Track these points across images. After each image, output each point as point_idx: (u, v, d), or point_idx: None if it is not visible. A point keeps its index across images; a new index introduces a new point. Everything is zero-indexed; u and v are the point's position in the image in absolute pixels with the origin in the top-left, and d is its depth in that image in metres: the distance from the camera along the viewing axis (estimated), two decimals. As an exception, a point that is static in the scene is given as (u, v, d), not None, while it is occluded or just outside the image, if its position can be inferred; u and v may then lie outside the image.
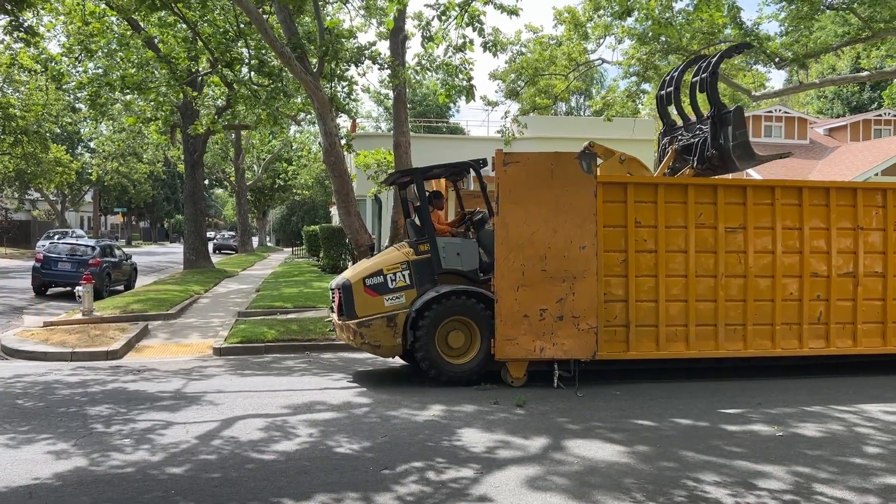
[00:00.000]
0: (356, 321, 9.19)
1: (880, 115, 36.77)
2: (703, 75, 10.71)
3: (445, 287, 9.21)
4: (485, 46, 13.29)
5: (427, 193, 10.05)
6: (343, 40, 15.39)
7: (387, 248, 10.45)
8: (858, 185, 10.50)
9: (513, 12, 13.35)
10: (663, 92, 11.66)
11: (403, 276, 9.27)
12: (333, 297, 10.01)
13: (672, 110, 11.74)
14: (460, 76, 13.38)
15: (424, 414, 7.65)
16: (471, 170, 10.13)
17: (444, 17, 12.81)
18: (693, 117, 11.16)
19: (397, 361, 11.04)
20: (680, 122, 11.50)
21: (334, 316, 10.10)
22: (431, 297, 9.09)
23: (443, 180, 12.67)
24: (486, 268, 9.77)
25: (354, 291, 9.23)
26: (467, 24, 12.86)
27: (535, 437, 6.76)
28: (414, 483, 5.52)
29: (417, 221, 9.99)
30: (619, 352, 9.39)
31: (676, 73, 11.53)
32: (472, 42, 13.25)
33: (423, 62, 13.38)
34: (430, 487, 5.43)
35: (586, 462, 6.05)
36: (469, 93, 13.35)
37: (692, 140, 10.74)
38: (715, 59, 10.81)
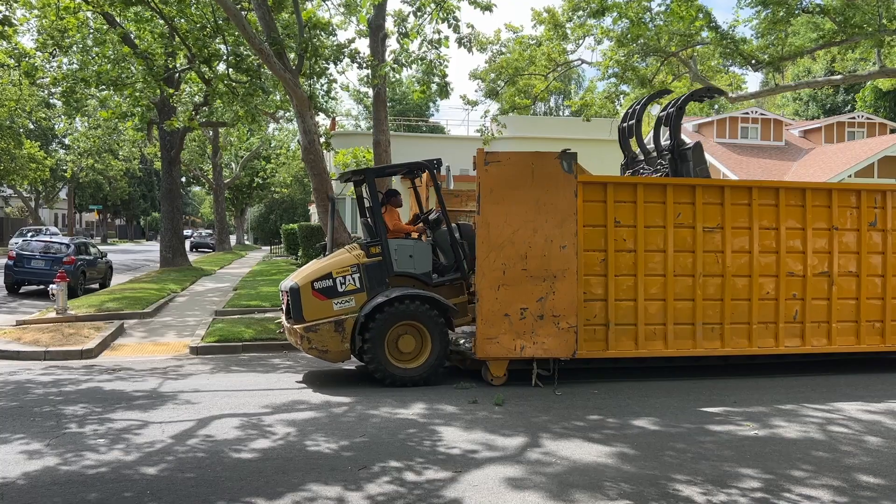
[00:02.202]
0: (303, 325, 8.97)
1: (854, 118, 37.32)
2: (671, 110, 10.97)
3: (396, 291, 9.04)
4: (459, 42, 13.26)
5: (381, 193, 9.85)
6: (321, 35, 15.30)
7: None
8: (834, 185, 10.62)
9: (486, 8, 13.32)
10: (625, 124, 11.75)
11: (353, 279, 9.06)
12: (283, 299, 9.78)
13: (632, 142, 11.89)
14: (435, 73, 13.33)
15: (403, 413, 7.62)
16: (425, 170, 9.96)
17: (419, 13, 12.78)
18: (653, 151, 11.33)
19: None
20: (640, 155, 11.67)
21: (283, 318, 9.89)
22: (381, 302, 8.89)
23: (425, 176, 12.64)
24: (441, 270, 9.65)
25: (302, 295, 8.99)
26: (442, 20, 12.83)
27: (513, 437, 6.76)
28: (392, 483, 5.49)
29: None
30: (599, 350, 9.43)
31: (639, 107, 11.64)
32: (447, 38, 13.23)
33: (399, 59, 13.28)
34: (407, 487, 5.41)
35: (564, 461, 6.06)
36: (443, 90, 13.32)
37: (654, 174, 10.92)
38: (683, 98, 11.09)
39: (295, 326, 9.07)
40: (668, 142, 10.77)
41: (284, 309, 9.68)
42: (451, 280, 9.60)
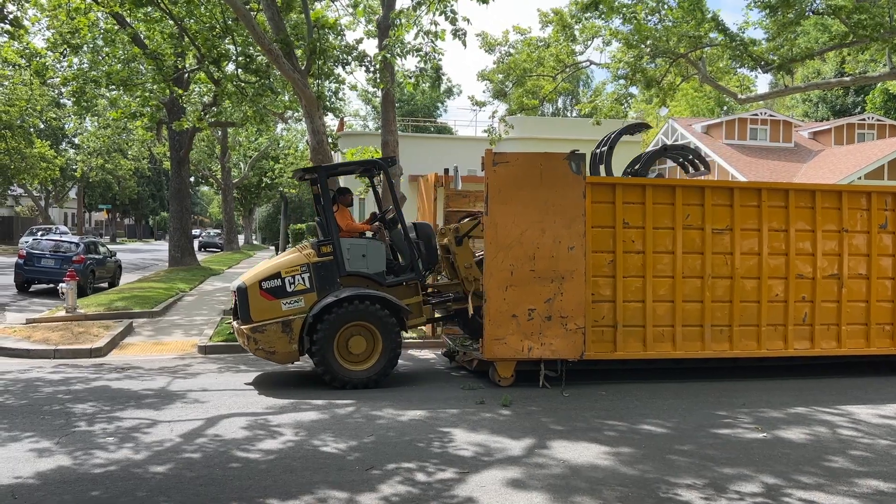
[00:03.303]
0: (250, 326, 8.80)
1: (864, 119, 37.12)
2: (654, 149, 11.32)
3: (346, 291, 8.87)
4: (455, 34, 13.14)
5: (333, 191, 9.73)
6: (330, 34, 15.32)
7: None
8: (844, 187, 10.58)
9: (483, 1, 13.23)
10: (598, 150, 11.75)
11: (303, 279, 8.89)
12: (233, 300, 9.60)
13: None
14: (428, 62, 13.23)
15: (410, 414, 7.63)
16: (380, 168, 9.83)
17: (418, 5, 12.76)
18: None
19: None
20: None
21: (232, 319, 9.72)
22: (330, 302, 8.70)
23: (432, 177, 12.64)
24: (397, 270, 9.51)
25: (250, 295, 8.84)
26: (440, 12, 12.76)
27: (520, 438, 6.76)
28: (400, 483, 5.50)
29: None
30: (607, 352, 9.41)
31: (613, 136, 11.61)
32: (444, 31, 13.15)
33: (394, 49, 13.12)
34: (415, 488, 5.41)
35: (571, 463, 6.05)
36: (436, 83, 13.27)
37: None
38: (670, 145, 11.40)
39: (242, 327, 8.93)
40: (633, 170, 10.90)
41: (232, 310, 9.51)
42: (406, 280, 9.46)
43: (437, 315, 10.43)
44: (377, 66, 14.42)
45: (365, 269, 9.23)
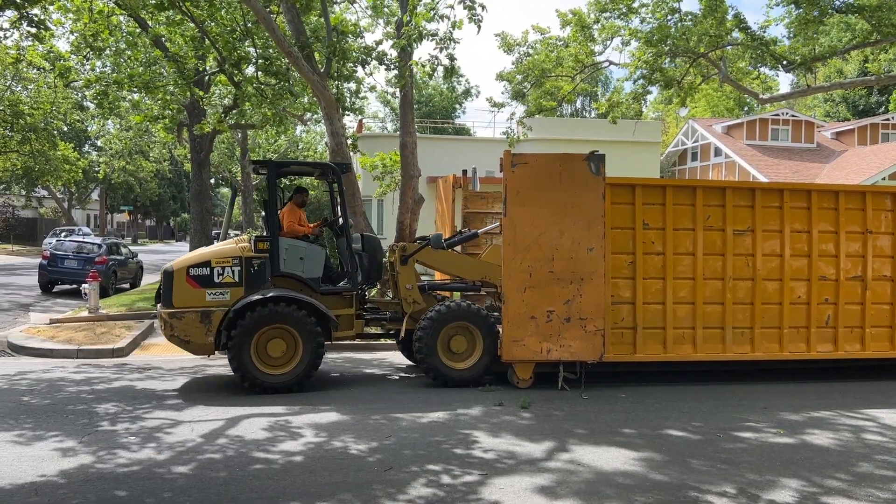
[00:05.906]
0: (169, 311, 8.63)
1: (888, 119, 36.60)
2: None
3: (273, 291, 8.67)
4: (471, 19, 13.09)
5: (294, 190, 9.58)
6: (349, 38, 15.37)
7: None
8: (867, 188, 10.44)
9: None
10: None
11: (233, 271, 8.68)
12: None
13: None
14: (444, 52, 13.17)
15: (430, 415, 7.63)
16: (334, 173, 9.65)
17: None
18: None
19: (403, 363, 11.01)
20: None
21: (156, 303, 9.55)
22: (255, 300, 8.49)
23: (451, 178, 12.64)
24: (335, 278, 9.35)
25: (175, 279, 8.63)
26: (465, 6, 12.73)
27: (540, 441, 6.73)
28: (420, 486, 5.50)
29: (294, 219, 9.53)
30: (626, 354, 9.36)
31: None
32: (461, 21, 13.10)
33: (412, 35, 13.03)
34: (436, 490, 5.41)
35: (592, 467, 6.02)
36: (449, 72, 13.21)
37: None
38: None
39: (162, 311, 8.79)
40: None
41: (156, 293, 9.36)
42: (342, 290, 9.31)
43: (372, 331, 10.22)
44: (396, 65, 14.43)
45: (300, 273, 9.06)
